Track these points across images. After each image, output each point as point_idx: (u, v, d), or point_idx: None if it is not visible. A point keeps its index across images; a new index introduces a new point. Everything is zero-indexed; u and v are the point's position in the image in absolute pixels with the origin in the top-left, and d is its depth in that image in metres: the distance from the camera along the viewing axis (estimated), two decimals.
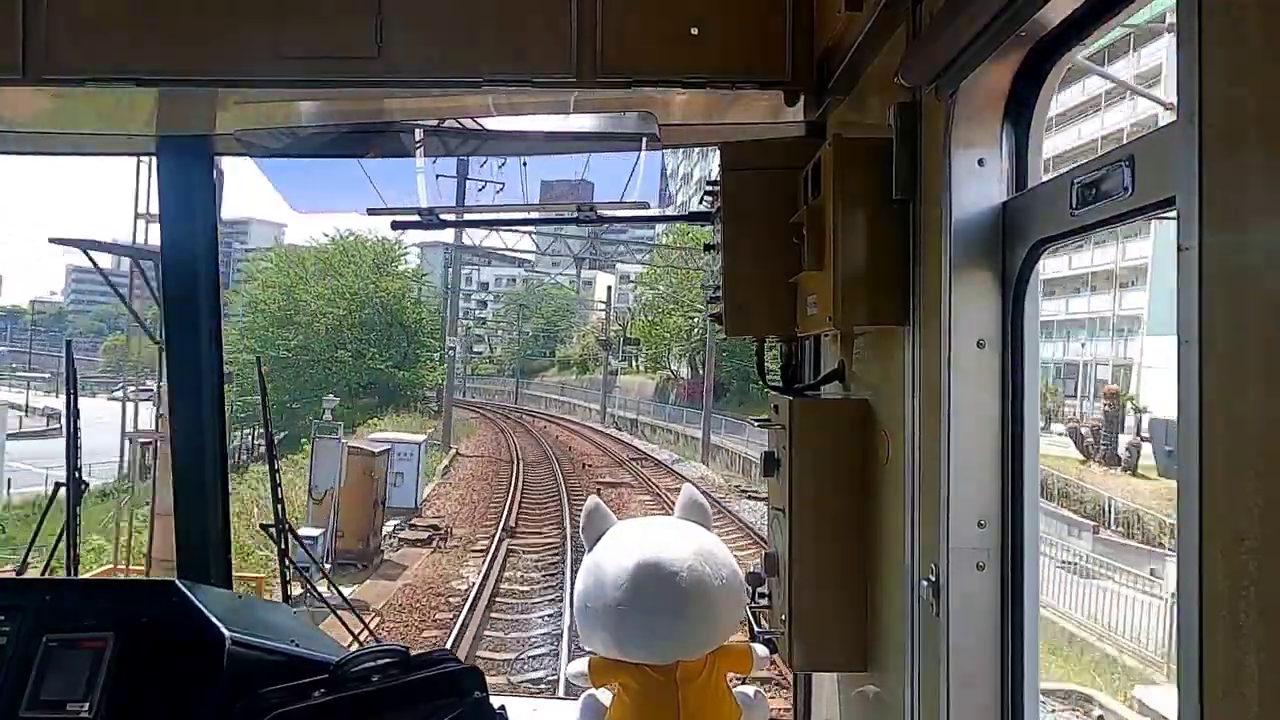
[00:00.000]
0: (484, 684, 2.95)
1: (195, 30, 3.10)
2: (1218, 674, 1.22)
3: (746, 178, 3.21)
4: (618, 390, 70.42)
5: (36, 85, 3.12)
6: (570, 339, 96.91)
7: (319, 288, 60.62)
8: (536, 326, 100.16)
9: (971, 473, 2.23)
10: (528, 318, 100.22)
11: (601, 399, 67.66)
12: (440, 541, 24.85)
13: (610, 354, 70.06)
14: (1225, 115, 1.23)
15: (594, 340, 79.11)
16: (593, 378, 77.37)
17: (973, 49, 2.03)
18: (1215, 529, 1.23)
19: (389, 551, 23.85)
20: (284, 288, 60.40)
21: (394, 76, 3.13)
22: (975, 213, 2.24)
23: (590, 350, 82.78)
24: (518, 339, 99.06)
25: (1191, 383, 1.26)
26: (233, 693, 2.76)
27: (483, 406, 76.70)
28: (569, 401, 76.94)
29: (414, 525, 26.64)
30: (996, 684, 2.23)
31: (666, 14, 3.09)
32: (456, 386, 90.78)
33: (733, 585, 3.05)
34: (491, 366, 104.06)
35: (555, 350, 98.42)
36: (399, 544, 24.77)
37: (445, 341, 59.01)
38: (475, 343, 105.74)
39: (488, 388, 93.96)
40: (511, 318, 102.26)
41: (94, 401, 39.05)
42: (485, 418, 66.42)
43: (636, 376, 75.17)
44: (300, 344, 58.90)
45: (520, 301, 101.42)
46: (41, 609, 3.02)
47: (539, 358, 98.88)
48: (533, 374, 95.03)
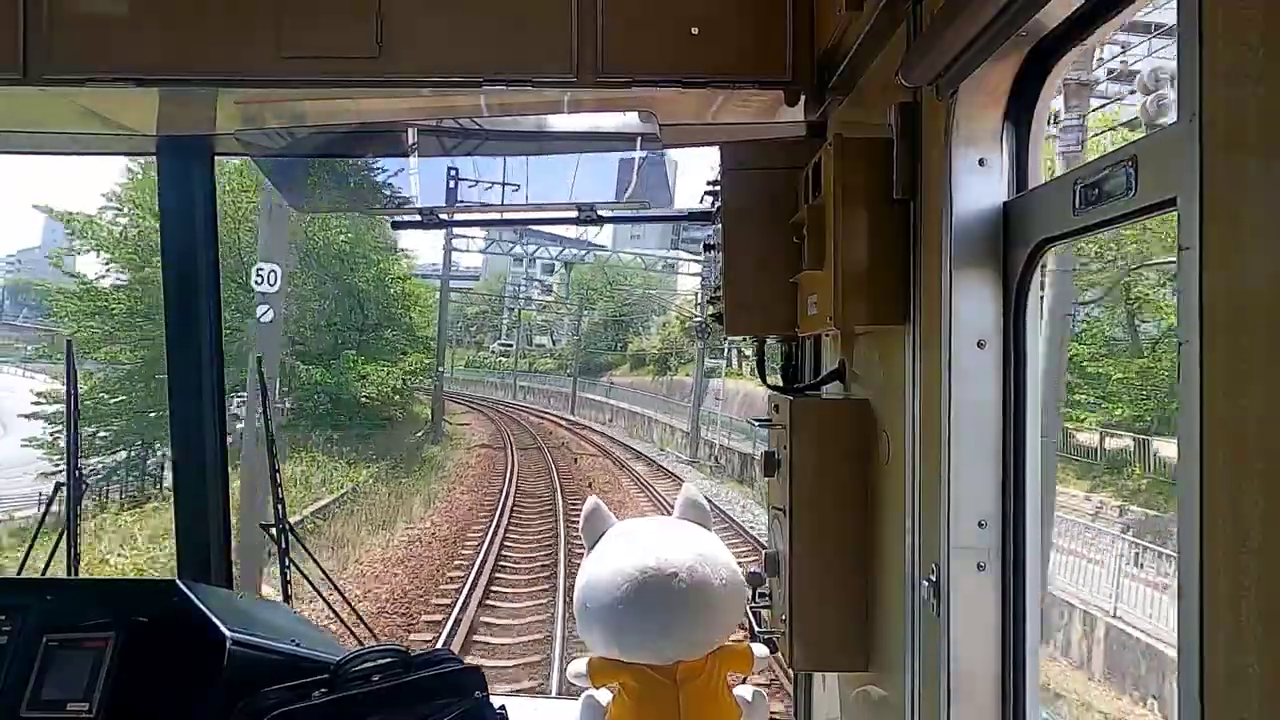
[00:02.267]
0: (484, 684, 2.96)
1: (195, 30, 3.10)
2: (1219, 674, 1.23)
3: (746, 178, 3.21)
4: (715, 402, 44.15)
5: (36, 85, 3.12)
6: (649, 329, 75.61)
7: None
8: (607, 313, 78.80)
9: (972, 473, 2.23)
10: (593, 303, 78.83)
11: (692, 414, 43.04)
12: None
13: (704, 343, 45.51)
14: (1225, 115, 1.23)
15: (679, 329, 60.13)
16: (677, 380, 57.19)
17: (973, 49, 2.03)
18: (1216, 529, 1.23)
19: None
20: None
21: (394, 76, 3.13)
22: (976, 213, 2.24)
23: (673, 343, 63.54)
24: (581, 328, 78.22)
25: (1192, 383, 1.26)
26: (233, 692, 2.76)
27: (519, 414, 59.02)
28: (640, 413, 52.63)
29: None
30: (997, 684, 2.23)
31: (666, 14, 3.09)
32: (506, 384, 79.19)
33: (733, 585, 3.05)
34: (552, 362, 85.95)
35: (629, 343, 77.31)
36: None
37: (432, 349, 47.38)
38: (538, 333, 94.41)
39: (543, 389, 75.59)
40: (576, 304, 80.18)
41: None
42: (509, 433, 47.07)
43: (743, 381, 45.29)
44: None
45: (586, 284, 79.37)
46: (42, 609, 3.03)
47: (607, 351, 78.37)
48: (600, 371, 74.53)
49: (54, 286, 36.37)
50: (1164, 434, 24.65)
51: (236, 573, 4.44)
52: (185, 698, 2.87)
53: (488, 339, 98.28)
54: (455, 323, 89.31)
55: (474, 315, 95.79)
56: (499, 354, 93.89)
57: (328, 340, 37.35)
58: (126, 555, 21.27)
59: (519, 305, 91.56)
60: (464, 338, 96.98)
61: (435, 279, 54.45)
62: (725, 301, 3.22)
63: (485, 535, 23.25)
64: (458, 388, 76.58)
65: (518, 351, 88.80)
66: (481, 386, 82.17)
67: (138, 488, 31.78)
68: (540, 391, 75.79)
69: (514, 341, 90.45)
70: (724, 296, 3.23)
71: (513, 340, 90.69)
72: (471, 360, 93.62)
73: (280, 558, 4.03)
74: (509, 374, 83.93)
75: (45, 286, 38.59)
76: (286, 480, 4.13)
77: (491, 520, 25.20)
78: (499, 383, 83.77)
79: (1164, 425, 24.99)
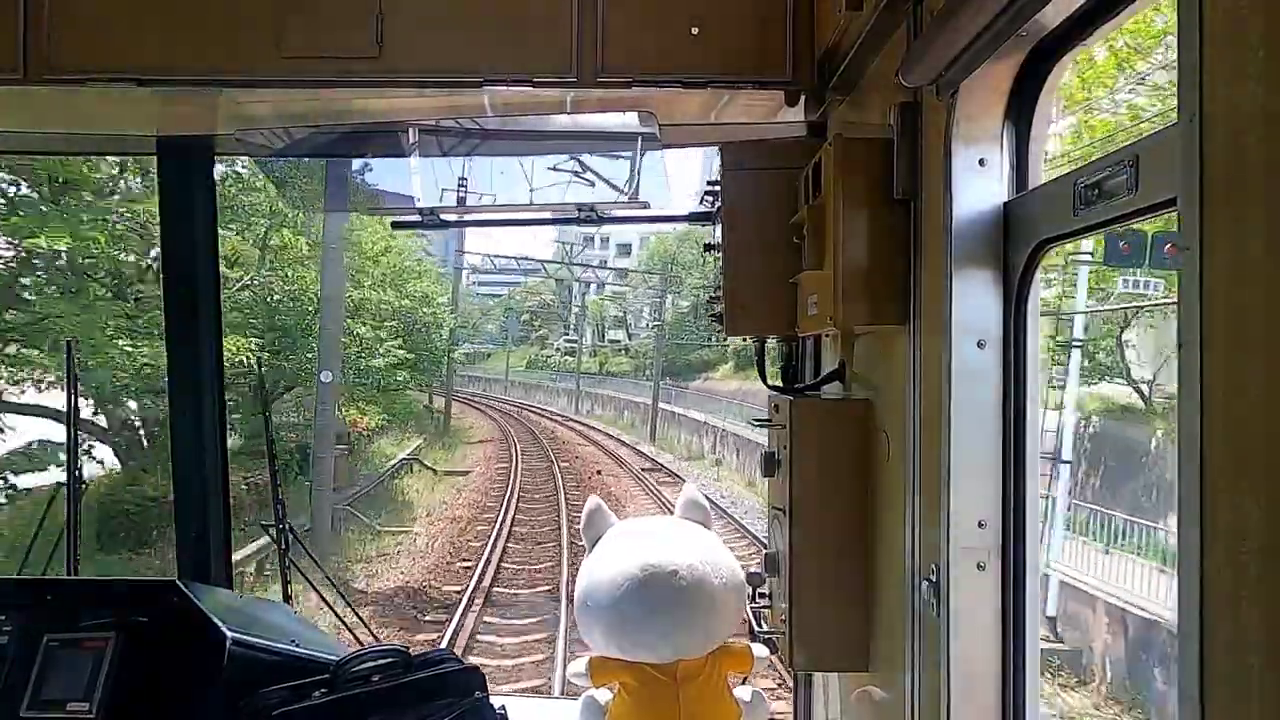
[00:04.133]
0: (484, 684, 2.96)
1: (195, 30, 3.10)
2: (1219, 674, 1.22)
3: (747, 178, 3.21)
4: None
5: (36, 85, 3.12)
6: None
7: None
8: (699, 296, 51.00)
9: (972, 473, 2.23)
10: (680, 283, 58.31)
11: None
12: None
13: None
14: (1225, 115, 1.23)
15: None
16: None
17: (973, 49, 2.03)
18: (1216, 529, 1.23)
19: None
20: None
21: (394, 76, 3.13)
22: (976, 213, 2.24)
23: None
24: (664, 316, 57.80)
25: (1192, 383, 1.26)
26: (233, 692, 2.77)
27: (567, 440, 42.56)
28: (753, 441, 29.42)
29: None
30: (997, 684, 2.23)
31: (666, 14, 3.10)
32: (563, 389, 64.02)
33: (733, 585, 3.05)
34: (628, 361, 69.63)
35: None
36: None
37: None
38: (614, 326, 79.76)
39: (613, 397, 56.56)
40: (658, 285, 59.72)
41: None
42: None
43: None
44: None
45: (671, 257, 59.67)
46: (42, 609, 3.03)
47: (701, 347, 55.68)
48: (691, 372, 55.23)
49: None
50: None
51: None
52: (185, 698, 2.87)
53: (554, 334, 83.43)
54: (514, 319, 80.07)
55: (537, 308, 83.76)
56: (563, 352, 77.66)
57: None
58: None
59: (586, 292, 72.87)
60: (528, 333, 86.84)
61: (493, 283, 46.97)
62: (725, 301, 3.23)
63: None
64: (518, 394, 69.43)
65: (586, 348, 72.17)
66: (540, 393, 70.00)
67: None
68: (607, 401, 56.39)
69: (582, 336, 73.86)
70: (724, 296, 3.23)
71: (579, 335, 74.41)
72: (534, 359, 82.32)
73: (280, 558, 4.03)
74: (572, 375, 66.92)
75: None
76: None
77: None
78: (554, 386, 69.44)
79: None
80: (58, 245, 17.43)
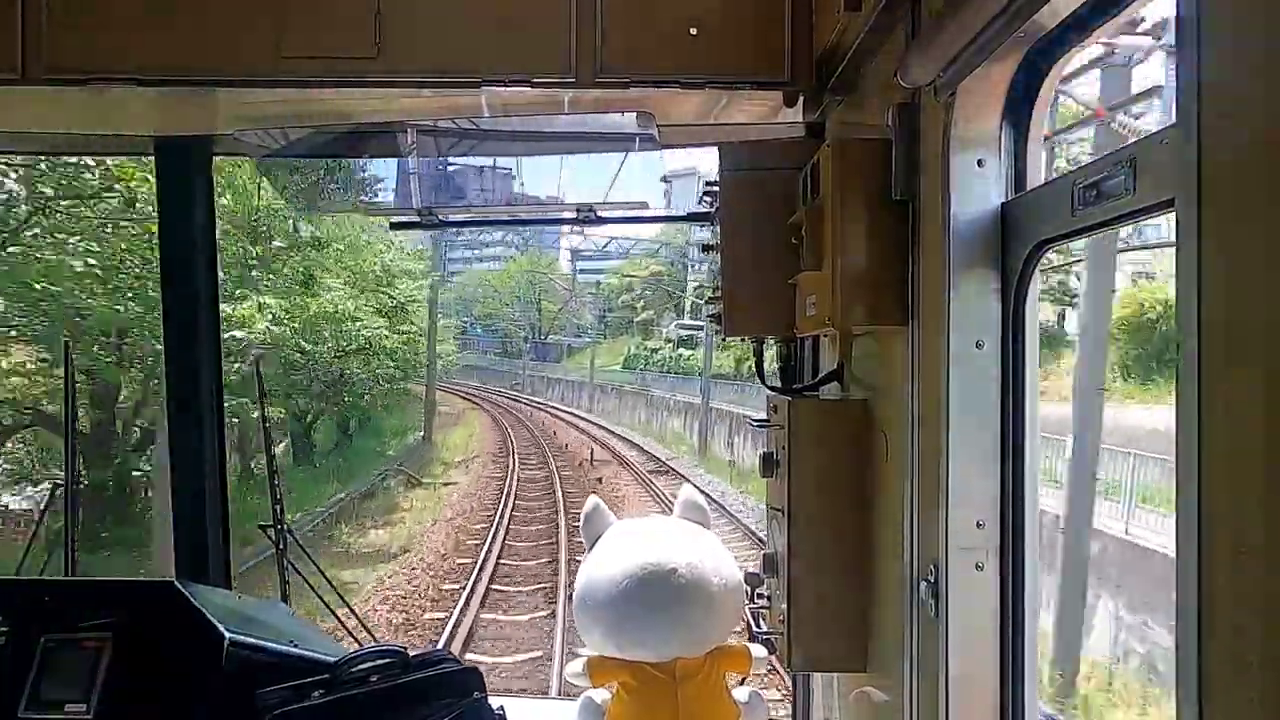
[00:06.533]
0: (483, 684, 2.95)
1: (195, 30, 3.10)
2: (1218, 674, 1.22)
3: (745, 178, 3.21)
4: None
5: (36, 85, 3.12)
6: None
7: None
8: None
9: (971, 473, 2.23)
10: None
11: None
12: None
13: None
14: (1225, 116, 1.23)
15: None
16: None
17: (972, 49, 2.03)
18: (1215, 529, 1.23)
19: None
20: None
21: (393, 76, 3.13)
22: (975, 213, 2.24)
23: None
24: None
25: (1192, 383, 1.26)
26: (231, 693, 2.76)
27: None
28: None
29: None
30: (996, 684, 2.23)
31: (665, 14, 3.10)
32: (681, 404, 41.92)
33: (732, 585, 3.05)
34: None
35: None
36: None
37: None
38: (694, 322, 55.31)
39: (694, 403, 41.76)
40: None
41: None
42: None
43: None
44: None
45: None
46: (41, 609, 3.02)
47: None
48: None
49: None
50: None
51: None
52: (183, 698, 2.87)
53: (664, 319, 62.30)
54: (607, 304, 64.94)
55: (643, 288, 65.46)
56: (677, 344, 57.01)
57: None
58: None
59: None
60: (628, 319, 69.01)
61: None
62: (724, 302, 3.23)
63: None
64: (607, 404, 51.10)
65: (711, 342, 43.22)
66: (641, 406, 49.77)
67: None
68: (688, 408, 39.82)
69: (703, 323, 41.36)
70: (722, 297, 3.23)
71: (701, 321, 43.72)
72: (632, 355, 62.23)
73: (279, 558, 4.03)
74: (686, 377, 48.43)
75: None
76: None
77: None
78: (667, 399, 46.92)
79: None
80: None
